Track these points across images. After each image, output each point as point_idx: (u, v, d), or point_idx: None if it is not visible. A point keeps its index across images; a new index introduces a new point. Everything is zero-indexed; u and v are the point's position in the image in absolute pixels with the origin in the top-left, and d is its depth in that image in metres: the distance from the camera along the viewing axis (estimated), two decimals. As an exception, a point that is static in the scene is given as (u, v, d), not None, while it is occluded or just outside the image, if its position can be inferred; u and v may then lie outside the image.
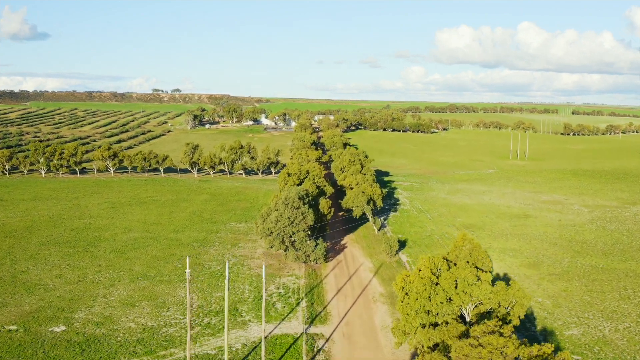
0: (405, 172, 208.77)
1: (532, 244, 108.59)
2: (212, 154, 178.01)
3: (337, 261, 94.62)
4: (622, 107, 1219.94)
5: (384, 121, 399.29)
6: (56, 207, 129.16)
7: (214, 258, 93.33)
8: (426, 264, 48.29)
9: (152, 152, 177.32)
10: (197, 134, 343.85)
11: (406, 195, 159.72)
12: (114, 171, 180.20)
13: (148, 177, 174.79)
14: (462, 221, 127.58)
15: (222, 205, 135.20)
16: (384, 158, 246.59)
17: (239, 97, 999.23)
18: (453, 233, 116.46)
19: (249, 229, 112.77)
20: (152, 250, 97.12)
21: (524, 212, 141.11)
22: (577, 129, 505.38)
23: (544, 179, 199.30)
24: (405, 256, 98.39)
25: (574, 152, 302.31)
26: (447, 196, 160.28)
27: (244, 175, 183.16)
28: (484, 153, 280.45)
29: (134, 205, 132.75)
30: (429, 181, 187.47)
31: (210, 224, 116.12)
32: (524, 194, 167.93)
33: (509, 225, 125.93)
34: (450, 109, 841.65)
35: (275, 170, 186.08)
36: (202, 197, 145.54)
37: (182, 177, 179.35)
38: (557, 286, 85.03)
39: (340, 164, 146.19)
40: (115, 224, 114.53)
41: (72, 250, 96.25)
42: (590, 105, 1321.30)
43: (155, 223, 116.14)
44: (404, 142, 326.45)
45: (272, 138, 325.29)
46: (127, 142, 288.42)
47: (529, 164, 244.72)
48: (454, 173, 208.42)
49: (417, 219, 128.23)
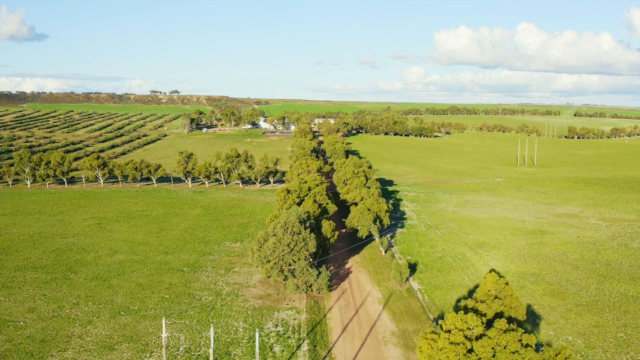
0: (410, 180, 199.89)
1: (553, 267, 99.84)
2: (207, 163, 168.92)
3: (342, 290, 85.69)
4: (623, 109, 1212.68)
5: (385, 125, 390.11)
6: (38, 224, 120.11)
7: (205, 286, 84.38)
8: (457, 323, 39.47)
9: (144, 161, 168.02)
10: (193, 138, 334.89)
11: (412, 208, 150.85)
12: (104, 181, 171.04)
13: (139, 188, 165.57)
14: (474, 239, 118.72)
15: (216, 221, 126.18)
16: (387, 165, 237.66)
17: (238, 99, 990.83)
18: (466, 253, 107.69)
19: (245, 249, 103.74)
20: (138, 276, 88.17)
21: (539, 227, 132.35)
22: (582, 132, 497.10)
23: (556, 188, 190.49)
24: (416, 283, 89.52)
25: (583, 158, 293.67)
26: (456, 209, 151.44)
27: (241, 185, 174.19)
28: (491, 159, 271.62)
29: (122, 221, 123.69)
30: (435, 191, 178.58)
31: (203, 244, 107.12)
32: (536, 205, 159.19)
33: (525, 243, 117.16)
34: (451, 111, 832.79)
35: (274, 180, 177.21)
36: (196, 211, 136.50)
37: (175, 187, 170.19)
38: (587, 320, 76.22)
39: (343, 175, 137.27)
40: (99, 244, 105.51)
41: (50, 276, 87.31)
42: (590, 106, 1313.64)
43: (143, 243, 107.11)
44: (407, 147, 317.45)
45: (271, 143, 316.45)
46: (121, 147, 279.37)
47: (537, 171, 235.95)
48: (461, 182, 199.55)
49: (426, 237, 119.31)
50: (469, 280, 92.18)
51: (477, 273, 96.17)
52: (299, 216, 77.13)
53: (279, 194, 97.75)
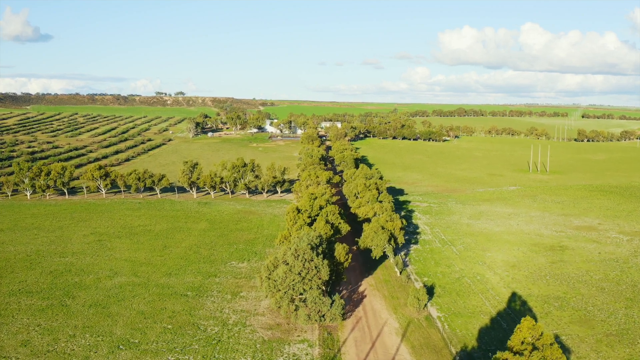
0: (421, 189, 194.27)
1: (577, 289, 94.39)
2: (213, 173, 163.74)
3: (356, 318, 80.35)
4: (630, 109, 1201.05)
5: (393, 129, 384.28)
6: (36, 241, 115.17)
7: (210, 314, 79.21)
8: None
9: (147, 171, 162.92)
10: (198, 143, 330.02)
11: (425, 221, 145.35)
12: (107, 191, 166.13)
13: (143, 199, 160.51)
14: (492, 257, 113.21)
15: (222, 237, 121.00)
16: (397, 172, 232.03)
17: (243, 100, 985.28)
18: (485, 274, 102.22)
19: (252, 270, 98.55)
20: (139, 302, 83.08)
21: (559, 242, 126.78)
22: (592, 135, 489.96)
23: (571, 197, 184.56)
24: (435, 310, 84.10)
25: (596, 164, 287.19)
26: (471, 221, 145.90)
27: (247, 195, 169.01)
28: (502, 165, 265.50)
29: (124, 238, 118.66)
30: (448, 201, 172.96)
31: (209, 264, 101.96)
32: (552, 217, 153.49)
33: (545, 261, 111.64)
34: (458, 113, 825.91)
35: (282, 190, 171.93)
36: (201, 225, 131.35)
37: (180, 197, 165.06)
38: (619, 353, 70.84)
39: (354, 188, 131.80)
40: (99, 265, 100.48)
41: (46, 303, 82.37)
42: (596, 107, 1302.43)
43: (145, 263, 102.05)
44: (416, 152, 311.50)
45: (278, 148, 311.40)
46: (125, 153, 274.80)
47: (551, 178, 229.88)
48: (473, 191, 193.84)
49: (442, 255, 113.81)
50: (491, 306, 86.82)
51: (498, 297, 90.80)
52: (311, 241, 71.85)
53: (289, 214, 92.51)
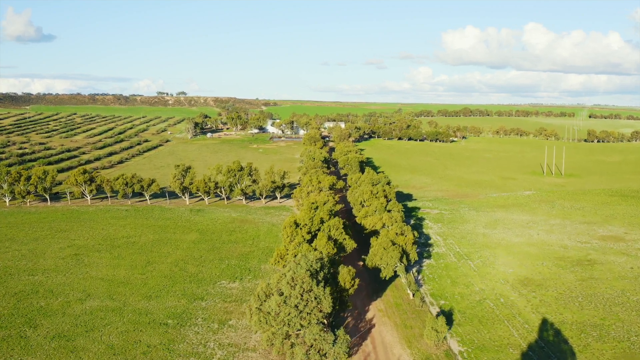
0: (431, 194, 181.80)
1: (614, 313, 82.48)
2: (207, 177, 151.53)
3: (364, 354, 68.27)
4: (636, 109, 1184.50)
5: (399, 129, 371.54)
6: (5, 255, 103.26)
7: (192, 350, 67.26)
8: None
9: (136, 175, 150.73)
10: (197, 144, 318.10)
11: (437, 230, 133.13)
12: (93, 197, 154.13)
13: (130, 206, 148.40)
14: (515, 273, 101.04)
15: (213, 250, 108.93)
16: (404, 175, 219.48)
17: (246, 100, 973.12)
18: (509, 295, 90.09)
19: (245, 292, 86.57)
20: (111, 333, 71.17)
21: (585, 255, 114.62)
22: (602, 136, 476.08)
23: (592, 203, 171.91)
24: (456, 342, 71.95)
25: (610, 166, 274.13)
26: (487, 231, 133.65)
27: (244, 201, 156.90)
28: (514, 168, 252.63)
29: (104, 252, 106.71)
30: (460, 208, 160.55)
31: (195, 284, 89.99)
32: (574, 225, 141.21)
33: (574, 278, 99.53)
34: (463, 113, 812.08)
35: (281, 195, 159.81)
36: (191, 236, 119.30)
37: (171, 204, 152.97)
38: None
39: (359, 195, 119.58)
40: (72, 284, 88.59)
41: (4, 333, 70.63)
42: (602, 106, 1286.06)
43: (124, 282, 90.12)
44: (423, 154, 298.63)
45: (279, 149, 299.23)
46: (119, 154, 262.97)
47: (567, 182, 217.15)
48: (486, 196, 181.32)
49: (459, 271, 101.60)
50: (520, 336, 74.71)
51: (528, 325, 78.69)
52: (310, 267, 59.85)
53: (285, 229, 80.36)
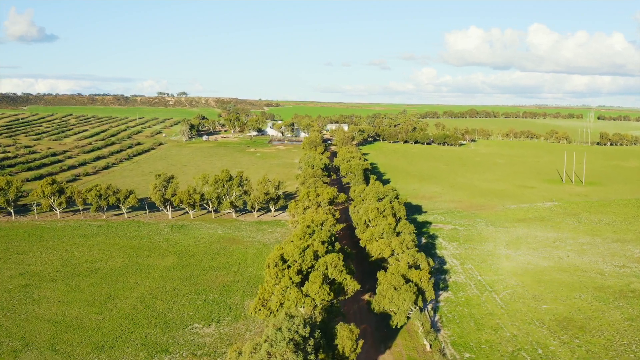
0: (442, 205, 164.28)
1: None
2: (192, 188, 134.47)
3: None
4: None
5: (404, 132, 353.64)
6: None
7: None
8: None
9: (112, 186, 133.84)
10: (191, 147, 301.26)
11: (453, 251, 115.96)
12: (64, 211, 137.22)
13: (105, 221, 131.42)
14: (551, 310, 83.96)
15: (190, 280, 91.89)
16: (412, 184, 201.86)
17: (248, 101, 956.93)
18: (548, 344, 72.95)
19: (221, 341, 69.52)
20: (38, 407, 54.26)
21: (627, 283, 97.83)
22: (615, 139, 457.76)
23: (621, 216, 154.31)
24: (490, 422, 54.74)
25: (632, 172, 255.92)
26: (510, 252, 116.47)
27: (234, 214, 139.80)
28: (530, 175, 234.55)
29: (60, 281, 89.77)
30: (476, 222, 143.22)
31: (161, 328, 72.97)
32: (607, 245, 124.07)
33: (620, 317, 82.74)
34: (470, 114, 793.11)
35: (276, 208, 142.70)
36: (167, 260, 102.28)
37: (151, 218, 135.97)
38: None
39: (364, 214, 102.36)
40: (10, 329, 71.64)
41: None
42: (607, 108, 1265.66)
43: (74, 325, 73.18)
44: (431, 158, 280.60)
45: (278, 153, 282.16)
46: (107, 159, 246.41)
47: (589, 191, 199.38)
48: (503, 208, 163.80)
49: (484, 309, 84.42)
50: (571, 409, 57.56)
51: (578, 390, 61.57)
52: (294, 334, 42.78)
53: (270, 268, 62.95)
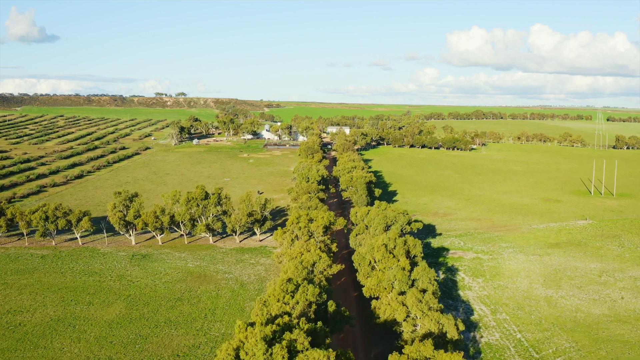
0: (459, 225, 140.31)
1: None
2: (159, 208, 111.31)
3: None
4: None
5: (410, 135, 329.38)
6: None
7: None
8: None
9: (61, 206, 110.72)
10: (179, 152, 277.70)
11: (480, 292, 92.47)
12: (8, 234, 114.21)
13: (53, 249, 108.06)
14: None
15: (135, 343, 68.50)
16: (422, 196, 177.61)
17: (248, 101, 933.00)
18: None
19: None
20: None
21: None
22: (632, 142, 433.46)
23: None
24: None
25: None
26: (549, 292, 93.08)
27: (211, 239, 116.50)
28: (554, 185, 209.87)
29: (-44, 348, 66.55)
30: (501, 248, 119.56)
31: None
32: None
33: None
34: (476, 115, 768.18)
35: (262, 231, 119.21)
36: (113, 310, 78.97)
37: (111, 243, 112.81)
38: None
39: (368, 252, 78.75)
40: None
41: None
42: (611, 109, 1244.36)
43: None
44: (441, 166, 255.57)
45: (272, 159, 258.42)
46: (83, 166, 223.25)
47: (622, 204, 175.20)
48: (530, 227, 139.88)
49: (534, 394, 60.97)
50: None
51: None
52: None
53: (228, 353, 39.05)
